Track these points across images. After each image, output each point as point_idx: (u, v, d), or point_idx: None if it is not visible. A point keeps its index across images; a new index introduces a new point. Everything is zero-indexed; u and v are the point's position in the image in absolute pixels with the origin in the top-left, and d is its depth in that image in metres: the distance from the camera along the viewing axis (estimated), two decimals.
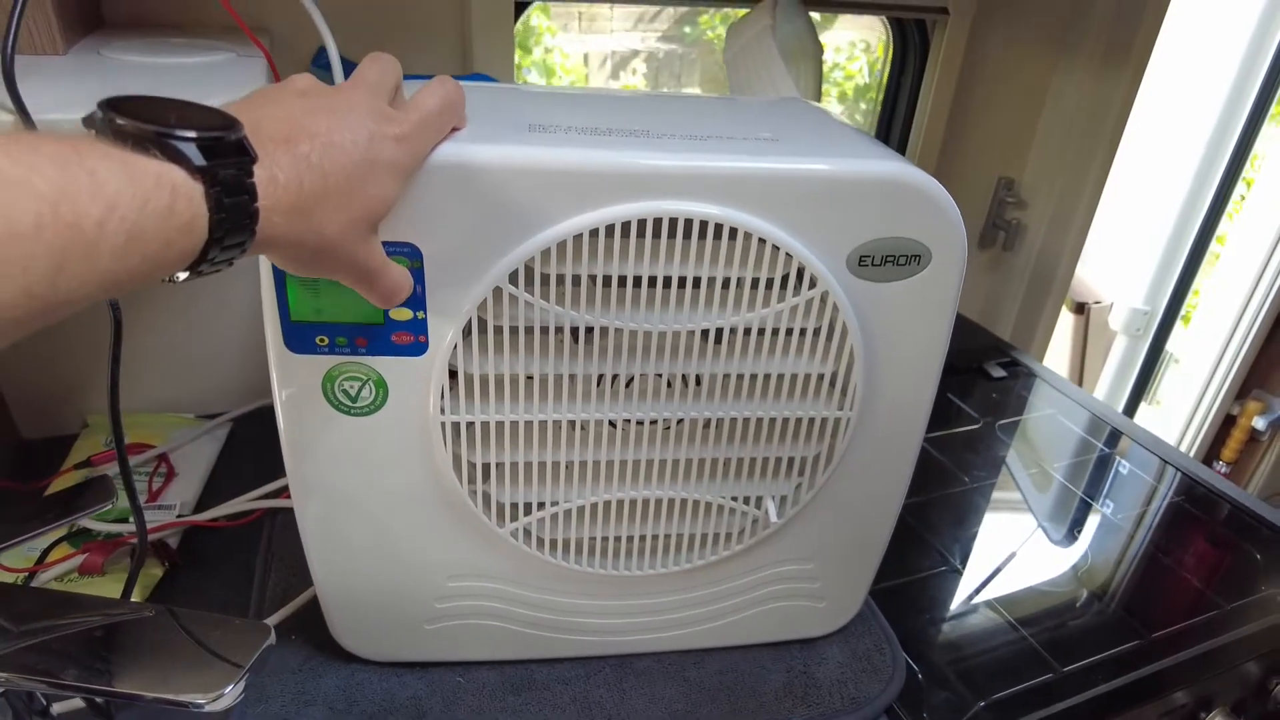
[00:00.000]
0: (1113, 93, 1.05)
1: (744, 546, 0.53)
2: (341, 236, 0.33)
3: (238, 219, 0.28)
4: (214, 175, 0.27)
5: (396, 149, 0.35)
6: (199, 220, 0.27)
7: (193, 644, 0.39)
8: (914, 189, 0.43)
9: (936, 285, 0.46)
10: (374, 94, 0.36)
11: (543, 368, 0.45)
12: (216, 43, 0.59)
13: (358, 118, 0.34)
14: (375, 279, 0.37)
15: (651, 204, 0.41)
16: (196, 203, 0.27)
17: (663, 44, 1.96)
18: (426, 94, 0.38)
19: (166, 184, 0.26)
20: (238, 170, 0.28)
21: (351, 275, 0.36)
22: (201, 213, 0.27)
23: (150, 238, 0.25)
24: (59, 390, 0.77)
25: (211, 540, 0.67)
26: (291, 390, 0.44)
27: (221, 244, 0.28)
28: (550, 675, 0.56)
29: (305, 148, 0.31)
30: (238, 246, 0.29)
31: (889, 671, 0.59)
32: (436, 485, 0.48)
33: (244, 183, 0.28)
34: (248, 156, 0.29)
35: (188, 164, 0.26)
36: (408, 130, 0.36)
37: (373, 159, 0.34)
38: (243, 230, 0.29)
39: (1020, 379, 1.07)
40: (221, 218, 0.27)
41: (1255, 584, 0.75)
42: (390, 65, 0.38)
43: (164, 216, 0.25)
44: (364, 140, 0.33)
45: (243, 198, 0.28)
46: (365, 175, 0.33)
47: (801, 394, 0.49)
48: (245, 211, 0.28)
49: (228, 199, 0.27)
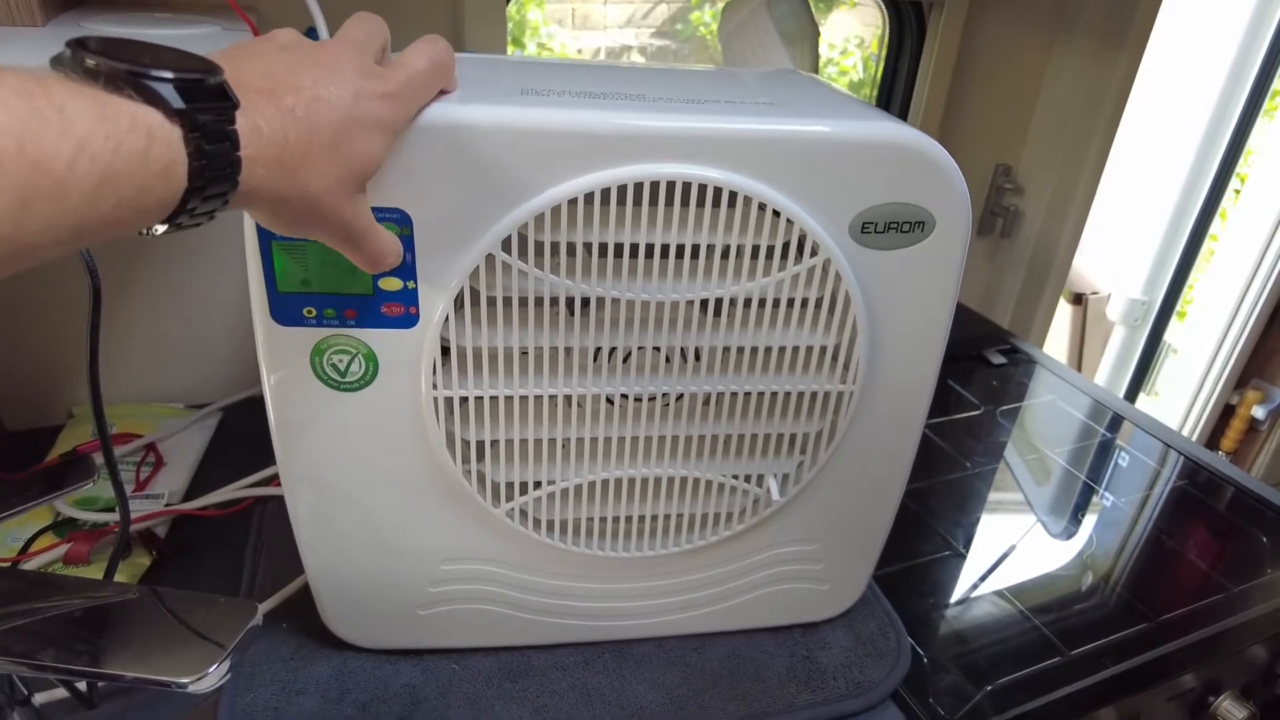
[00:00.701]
0: (1110, 77, 1.04)
1: (745, 526, 0.52)
2: (328, 194, 0.32)
3: (219, 167, 0.27)
4: (194, 120, 0.26)
5: (383, 106, 0.34)
6: (177, 166, 0.25)
7: (176, 624, 0.37)
8: (917, 153, 0.42)
9: (940, 254, 0.45)
10: (360, 51, 0.34)
11: (537, 340, 0.44)
12: (202, 17, 0.57)
13: (343, 74, 0.32)
14: (363, 241, 0.36)
15: (648, 167, 0.40)
16: (175, 148, 0.25)
17: (656, 40, 1.95)
18: (414, 53, 0.37)
19: (142, 126, 0.24)
20: (218, 116, 0.27)
21: (338, 236, 0.35)
22: (180, 159, 0.25)
23: (124, 182, 0.24)
24: (44, 381, 0.76)
25: (201, 530, 0.65)
26: (279, 365, 0.43)
27: (202, 193, 0.27)
28: (548, 661, 0.55)
29: (290, 100, 0.30)
30: (219, 197, 0.28)
31: (894, 656, 0.58)
32: (429, 464, 0.46)
33: (225, 129, 0.27)
34: (229, 102, 0.27)
35: (165, 106, 0.25)
36: (394, 88, 0.35)
37: (359, 115, 0.33)
38: (224, 180, 0.27)
39: (1020, 365, 1.06)
40: (202, 165, 0.26)
41: (1262, 567, 0.74)
42: (376, 24, 0.37)
43: (139, 160, 0.24)
44: (350, 96, 0.32)
45: (224, 145, 0.27)
46: (351, 131, 0.32)
47: (803, 367, 0.47)
48: (227, 160, 0.27)
49: (208, 145, 0.26)
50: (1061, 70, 1.08)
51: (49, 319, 0.73)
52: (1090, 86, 1.06)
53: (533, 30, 1.75)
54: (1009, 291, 1.22)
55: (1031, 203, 1.15)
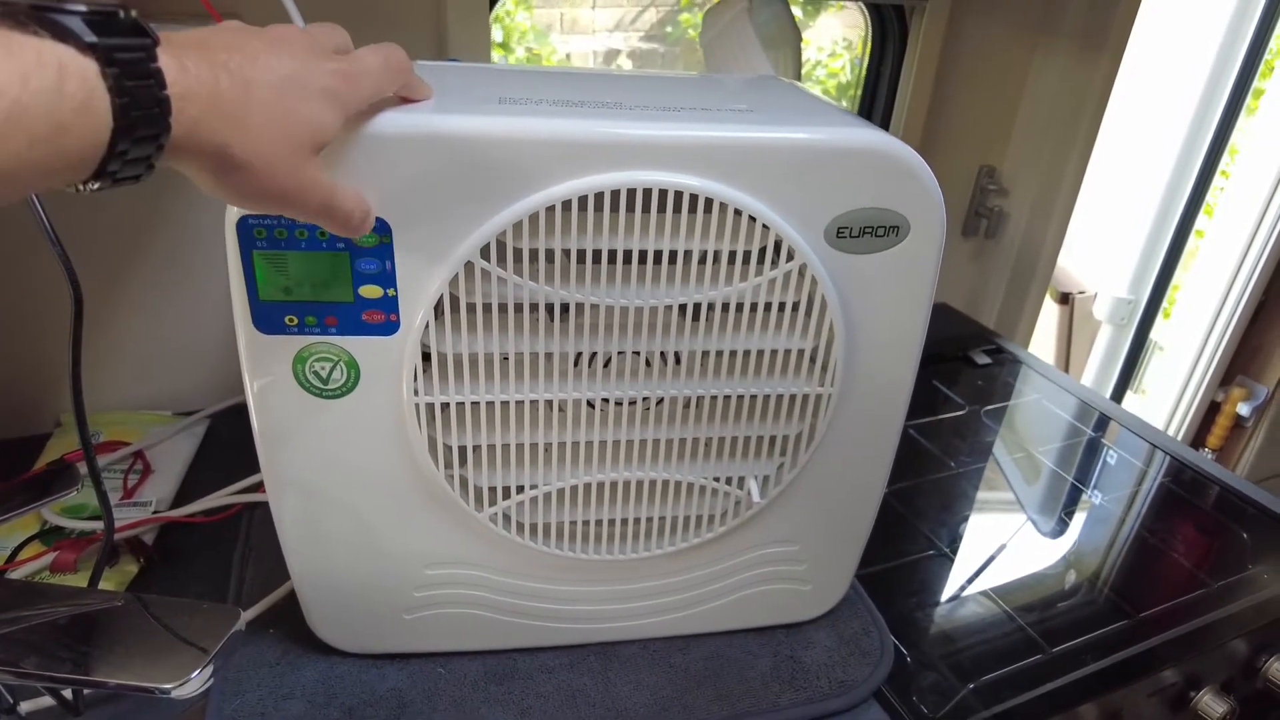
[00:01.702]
0: (1091, 78, 1.05)
1: (727, 528, 0.53)
2: (273, 151, 0.31)
3: (145, 105, 0.26)
4: (108, 54, 0.25)
5: (331, 78, 0.33)
6: (96, 103, 0.24)
7: (160, 630, 0.38)
8: (890, 158, 0.43)
9: (916, 257, 0.46)
10: (313, 39, 0.34)
11: (518, 346, 0.44)
12: (181, 27, 0.57)
13: (290, 45, 0.32)
14: (328, 208, 0.35)
15: (626, 174, 0.40)
16: (91, 83, 0.24)
17: (644, 43, 1.96)
18: (367, 50, 0.36)
19: (51, 61, 0.23)
20: (138, 51, 0.25)
21: (294, 204, 0.33)
22: (99, 95, 0.24)
23: (36, 119, 0.23)
24: (32, 390, 0.76)
25: (188, 537, 0.65)
26: (262, 373, 0.43)
27: (131, 134, 0.26)
28: (533, 664, 0.56)
29: (223, 56, 0.29)
30: (150, 140, 0.26)
31: (877, 655, 0.59)
32: (412, 470, 0.47)
33: (147, 66, 0.26)
34: (147, 38, 0.26)
35: (76, 40, 0.24)
36: (345, 67, 0.34)
37: (304, 81, 0.32)
38: (154, 122, 0.26)
39: (1005, 365, 1.07)
40: (125, 102, 0.25)
41: (1242, 563, 0.75)
42: (336, 31, 0.37)
43: (51, 96, 0.23)
44: (293, 62, 0.31)
45: (147, 82, 0.26)
46: (295, 91, 0.31)
47: (782, 370, 0.48)
48: (153, 98, 0.26)
49: (130, 82, 0.25)
50: (1044, 71, 1.09)
51: (36, 327, 0.73)
52: (1073, 87, 1.07)
53: (521, 36, 1.76)
54: (994, 292, 1.23)
55: (1016, 203, 1.16)
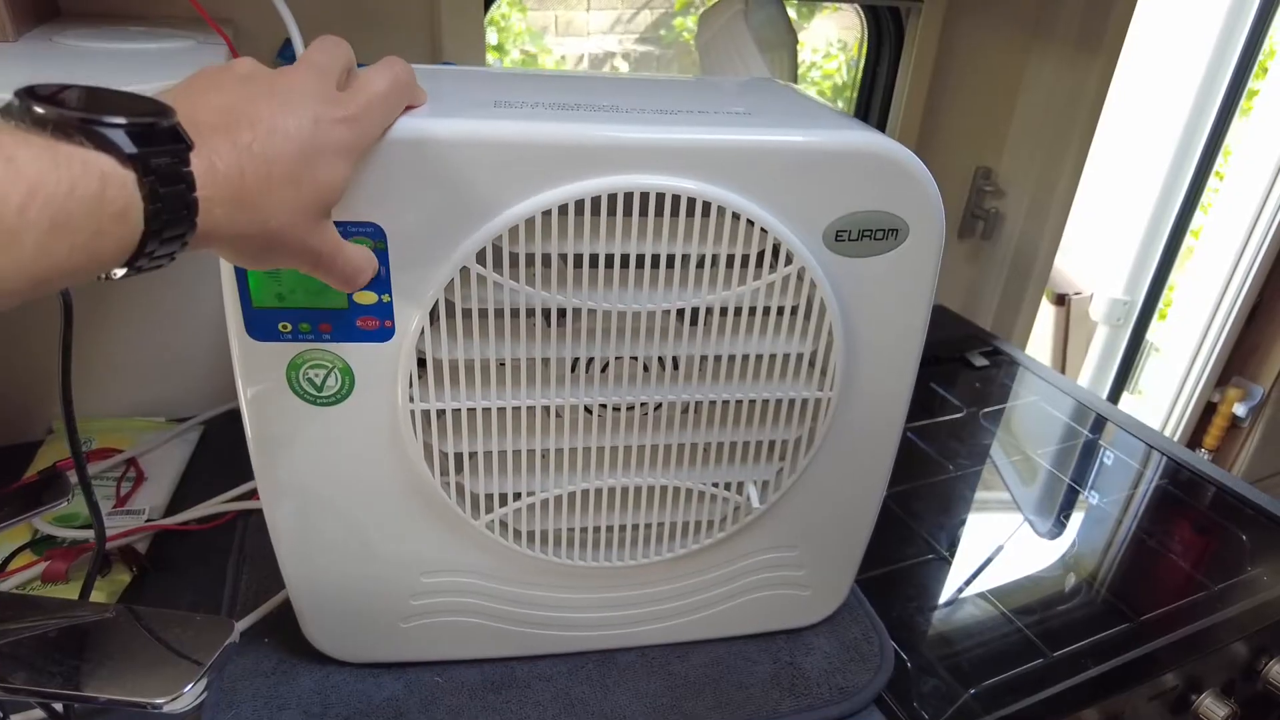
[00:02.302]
0: (1087, 79, 1.05)
1: (726, 534, 0.52)
2: (290, 225, 0.32)
3: (175, 209, 0.27)
4: (147, 164, 0.26)
5: (344, 131, 0.34)
6: (133, 210, 0.26)
7: (153, 643, 0.37)
8: (889, 160, 0.43)
9: (914, 260, 0.45)
10: (320, 77, 0.34)
11: (514, 352, 0.44)
12: (177, 31, 0.57)
13: (302, 102, 0.32)
14: (332, 264, 0.36)
15: (623, 178, 0.40)
16: (129, 191, 0.25)
17: (639, 45, 1.96)
18: (374, 74, 0.36)
19: (95, 171, 0.24)
20: (173, 158, 0.27)
21: (307, 264, 0.35)
22: (135, 202, 0.26)
23: (79, 227, 0.24)
24: (23, 397, 0.75)
25: (182, 545, 0.65)
26: (255, 380, 0.43)
27: (160, 236, 0.27)
28: (531, 672, 0.55)
29: (247, 136, 0.30)
30: (178, 239, 0.28)
31: (877, 660, 0.58)
32: (408, 477, 0.46)
33: (180, 171, 0.27)
34: (183, 144, 0.27)
35: (117, 152, 0.25)
36: (355, 112, 0.34)
37: (319, 144, 0.32)
38: (182, 222, 0.27)
39: (1003, 367, 1.06)
40: (158, 208, 0.26)
41: (1242, 565, 0.75)
42: (339, 47, 0.37)
43: (93, 204, 0.24)
44: (309, 125, 0.32)
45: (179, 187, 0.27)
46: (312, 161, 0.32)
47: (781, 375, 0.48)
48: (183, 201, 0.27)
49: (163, 188, 0.26)
50: (1039, 73, 1.09)
51: (27, 334, 0.72)
52: (1068, 89, 1.07)
53: (516, 38, 1.75)
54: (991, 293, 1.23)
55: (1012, 205, 1.16)
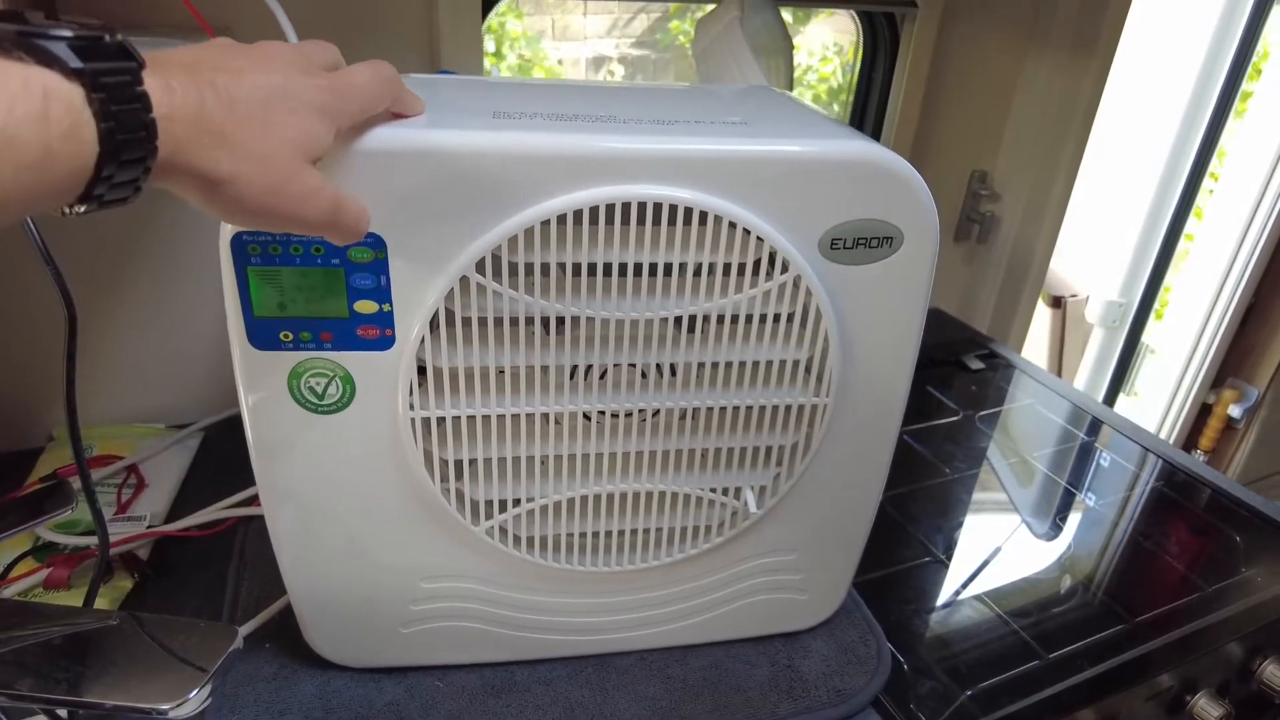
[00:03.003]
0: (1081, 83, 1.06)
1: (724, 539, 0.53)
2: (261, 166, 0.30)
3: (131, 129, 0.26)
4: (94, 79, 0.25)
5: (319, 92, 0.33)
6: (83, 129, 0.25)
7: (157, 650, 0.38)
8: (883, 169, 0.43)
9: (909, 267, 0.46)
10: (301, 53, 0.34)
11: (514, 360, 0.44)
12: (178, 41, 0.57)
13: (278, 61, 0.32)
14: (335, 216, 0.34)
15: (620, 189, 0.40)
16: (77, 108, 0.24)
17: (635, 49, 1.97)
18: (355, 66, 0.36)
19: (37, 87, 0.23)
20: (123, 75, 0.26)
21: (288, 218, 0.33)
22: (85, 120, 0.25)
23: (22, 146, 0.23)
24: (24, 404, 0.75)
25: (183, 551, 0.65)
26: (257, 389, 0.43)
27: (117, 158, 0.26)
28: (531, 676, 0.55)
29: (209, 75, 0.29)
30: (137, 164, 0.26)
31: (874, 663, 0.59)
32: (408, 484, 0.47)
33: (133, 89, 0.26)
34: (133, 61, 0.26)
35: (61, 65, 0.24)
36: (333, 83, 0.34)
37: (291, 94, 0.32)
38: (140, 145, 0.26)
39: (999, 370, 1.07)
40: (110, 126, 0.25)
41: (1236, 566, 0.75)
42: (327, 48, 0.37)
43: (37, 122, 0.23)
44: (280, 78, 0.31)
45: (133, 106, 0.26)
46: (282, 104, 0.31)
47: (777, 381, 0.48)
48: (139, 121, 0.26)
49: (115, 106, 0.25)
50: (1034, 77, 1.09)
51: (28, 341, 0.72)
52: (1063, 92, 1.08)
53: (512, 43, 1.76)
54: (987, 296, 1.23)
55: (1008, 208, 1.17)
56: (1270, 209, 1.50)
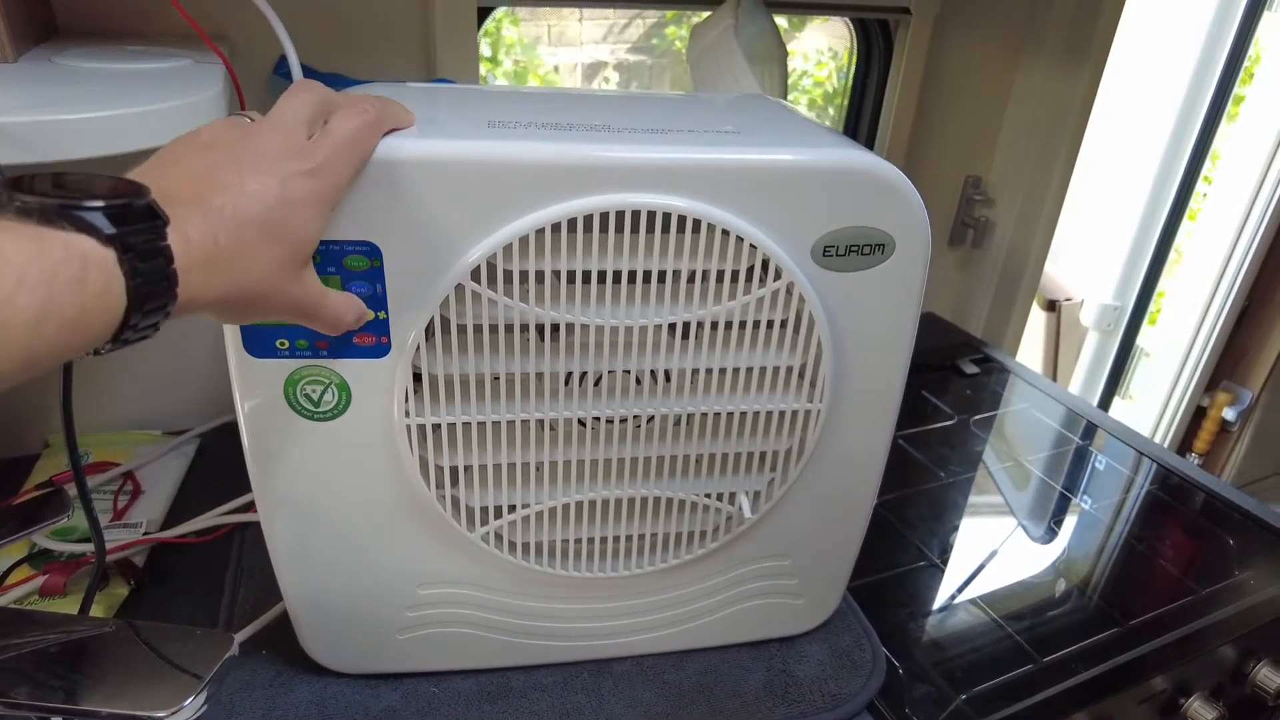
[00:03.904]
0: (1074, 88, 1.06)
1: (719, 544, 0.53)
2: (269, 282, 0.34)
3: (155, 282, 0.28)
4: (126, 242, 0.27)
5: (311, 184, 0.35)
6: (114, 286, 0.27)
7: (152, 657, 0.38)
8: (875, 178, 0.43)
9: (901, 274, 0.46)
10: (286, 132, 0.35)
11: (509, 367, 0.44)
12: (174, 50, 0.58)
13: (268, 161, 0.33)
14: (317, 312, 0.38)
15: (614, 197, 0.41)
16: (109, 270, 0.27)
17: (631, 54, 1.97)
18: (338, 119, 0.37)
19: (76, 254, 0.26)
20: (150, 235, 0.28)
21: (292, 314, 0.37)
22: (116, 279, 0.27)
23: (64, 308, 0.25)
24: (19, 411, 0.75)
25: (180, 558, 0.65)
26: (253, 396, 0.43)
27: (142, 309, 0.28)
28: (527, 682, 0.56)
29: (218, 201, 0.31)
30: (159, 310, 0.29)
31: (869, 667, 0.59)
32: (404, 490, 0.47)
33: (158, 246, 0.28)
34: (159, 220, 0.28)
35: (97, 233, 0.26)
36: (320, 162, 0.35)
37: (288, 200, 0.33)
38: (163, 294, 0.29)
39: (993, 374, 1.07)
40: (139, 283, 0.27)
41: (1229, 569, 0.76)
42: (309, 98, 0.37)
43: (77, 286, 0.25)
44: (276, 184, 0.33)
45: (158, 261, 0.28)
46: (284, 217, 0.33)
47: (771, 387, 0.48)
48: (162, 274, 0.28)
49: (142, 264, 0.27)
50: (1028, 82, 1.10)
51: None
52: (1056, 97, 1.08)
53: (508, 48, 1.76)
54: (981, 301, 1.24)
55: (1002, 213, 1.17)
56: (1263, 212, 1.51)
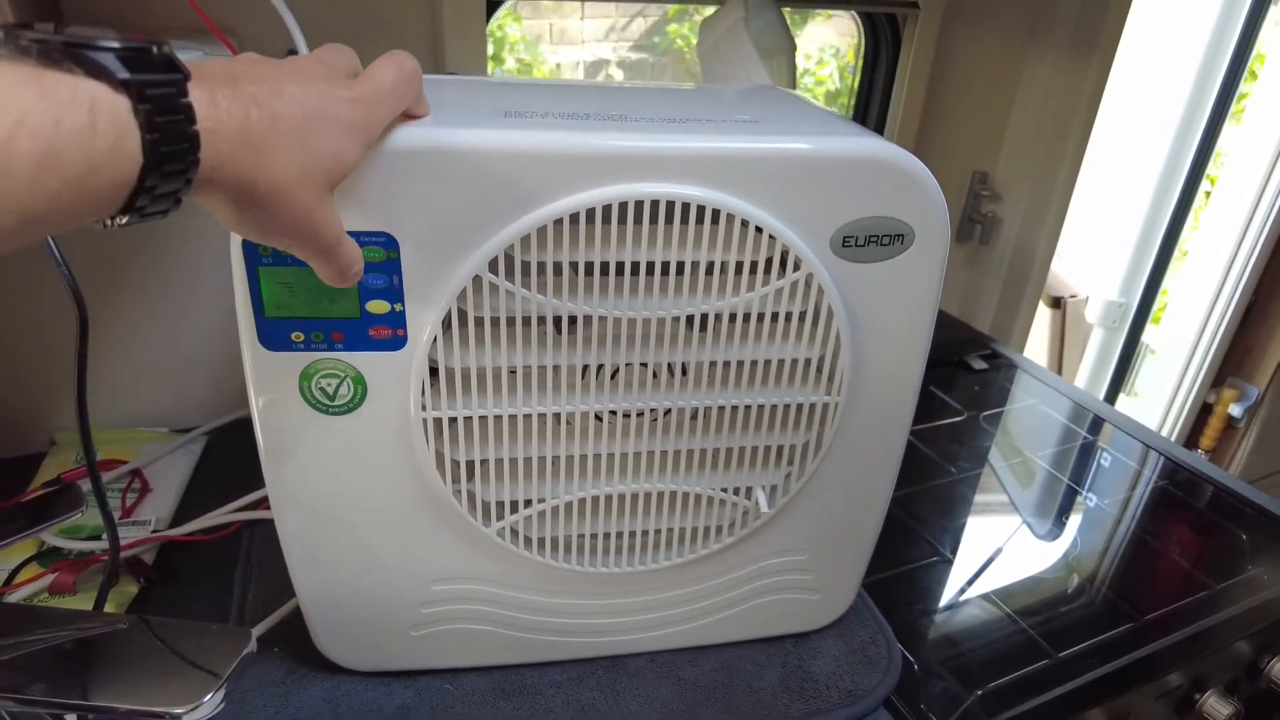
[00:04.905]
0: (1081, 84, 1.06)
1: (735, 539, 0.52)
2: (296, 186, 0.31)
3: (175, 140, 0.26)
4: (141, 90, 0.24)
5: (350, 108, 0.33)
6: (127, 142, 0.24)
7: (168, 653, 0.37)
8: (894, 167, 0.43)
9: (920, 265, 0.46)
10: (327, 65, 0.35)
11: (525, 359, 0.44)
12: (183, 43, 0.57)
13: (309, 76, 0.32)
14: (333, 247, 0.34)
15: (632, 187, 0.40)
16: (122, 120, 0.24)
17: (633, 53, 1.97)
18: (379, 66, 0.36)
19: (84, 99, 0.23)
20: (168, 87, 0.25)
21: (308, 240, 0.33)
22: (130, 132, 0.24)
23: (69, 160, 0.23)
24: (26, 408, 0.75)
25: (189, 555, 0.65)
26: (267, 390, 0.43)
27: (160, 170, 0.25)
28: (541, 679, 0.55)
29: (252, 88, 0.29)
30: (179, 175, 0.26)
31: (885, 663, 0.58)
32: (419, 485, 0.47)
33: (177, 101, 0.26)
34: (179, 73, 0.26)
35: (109, 77, 0.24)
36: (362, 94, 0.34)
37: (325, 112, 0.32)
38: (183, 156, 0.26)
39: (1001, 370, 1.07)
40: (155, 138, 0.25)
41: (1243, 564, 0.75)
42: (346, 53, 0.37)
43: (84, 135, 0.23)
44: (315, 94, 0.32)
45: (178, 117, 0.26)
46: (319, 125, 0.32)
47: (789, 380, 0.48)
48: (183, 133, 0.26)
49: (160, 118, 0.25)
50: (1035, 78, 1.10)
51: (30, 345, 0.72)
52: (1063, 93, 1.08)
53: (511, 47, 1.76)
54: (989, 297, 1.23)
55: (1009, 209, 1.17)
56: (1269, 209, 1.51)
